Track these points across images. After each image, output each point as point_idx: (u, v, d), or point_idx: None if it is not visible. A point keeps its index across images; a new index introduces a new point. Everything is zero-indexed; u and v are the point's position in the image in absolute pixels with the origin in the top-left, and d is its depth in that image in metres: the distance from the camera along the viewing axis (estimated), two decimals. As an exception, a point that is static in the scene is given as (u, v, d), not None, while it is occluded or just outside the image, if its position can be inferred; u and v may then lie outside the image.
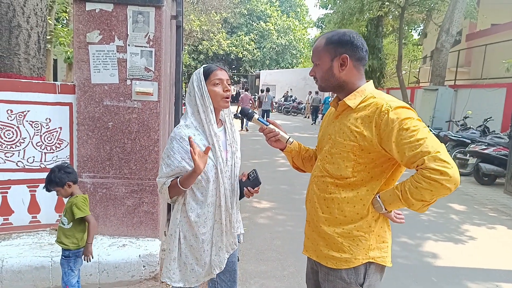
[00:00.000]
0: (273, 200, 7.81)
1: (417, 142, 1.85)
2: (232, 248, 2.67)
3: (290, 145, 2.58)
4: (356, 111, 2.10)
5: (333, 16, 28.28)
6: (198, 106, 2.49)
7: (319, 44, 2.21)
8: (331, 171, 2.17)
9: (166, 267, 2.58)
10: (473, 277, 4.92)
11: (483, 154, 10.23)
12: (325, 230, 2.19)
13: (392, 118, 1.92)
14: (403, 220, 2.21)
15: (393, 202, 2.01)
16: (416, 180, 1.87)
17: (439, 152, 1.82)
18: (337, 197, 2.15)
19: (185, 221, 2.54)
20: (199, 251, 2.55)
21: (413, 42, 32.50)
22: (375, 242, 2.14)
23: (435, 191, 1.83)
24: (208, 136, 2.48)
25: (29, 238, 4.29)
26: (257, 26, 51.09)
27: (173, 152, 2.43)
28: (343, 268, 2.14)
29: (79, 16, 4.14)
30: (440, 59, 17.45)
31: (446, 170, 1.78)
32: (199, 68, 2.60)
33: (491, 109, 14.62)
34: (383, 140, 1.97)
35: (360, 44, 2.13)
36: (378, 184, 2.10)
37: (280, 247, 5.60)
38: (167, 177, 2.47)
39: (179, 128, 2.49)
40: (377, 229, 2.14)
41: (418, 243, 5.98)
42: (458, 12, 16.87)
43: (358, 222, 2.12)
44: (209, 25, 33.78)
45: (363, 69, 2.21)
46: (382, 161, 2.07)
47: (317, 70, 2.23)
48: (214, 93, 2.49)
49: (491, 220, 7.44)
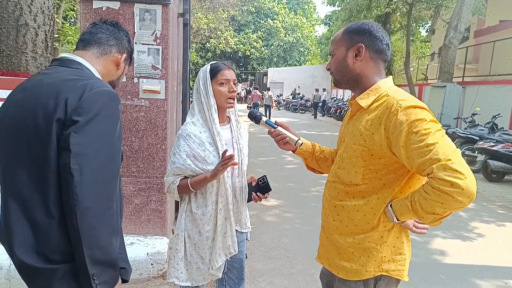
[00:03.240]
0: (281, 198, 7.79)
1: (426, 147, 1.66)
2: (230, 252, 2.61)
3: (300, 146, 2.46)
4: (368, 112, 1.93)
5: (341, 13, 28.34)
6: (203, 104, 2.50)
7: (338, 34, 2.07)
8: (341, 176, 2.03)
9: (174, 267, 2.58)
10: (481, 274, 4.90)
11: (492, 151, 10.17)
12: (337, 238, 2.06)
13: (401, 120, 1.74)
14: (425, 230, 2.03)
15: (404, 212, 1.83)
16: (425, 191, 1.68)
17: (451, 160, 1.60)
18: (347, 205, 2.01)
19: (189, 220, 2.56)
20: (203, 248, 2.55)
21: (421, 39, 32.41)
22: (390, 254, 1.97)
23: (446, 204, 1.63)
24: (212, 134, 2.49)
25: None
26: (265, 23, 50.99)
27: (179, 149, 2.44)
28: (352, 280, 2.02)
29: (86, 14, 4.14)
30: (448, 56, 17.34)
31: (457, 181, 1.57)
32: (206, 65, 2.60)
33: (499, 106, 14.53)
34: (392, 144, 1.79)
35: (380, 36, 1.97)
36: (390, 192, 1.91)
37: (288, 245, 5.60)
38: (174, 175, 2.48)
39: (186, 125, 2.50)
40: (391, 240, 1.97)
41: (427, 240, 5.94)
42: (466, 9, 16.76)
43: (369, 232, 1.96)
44: (216, 23, 33.77)
45: (383, 64, 2.03)
46: (395, 167, 1.88)
47: (332, 61, 2.08)
48: (220, 92, 2.49)
49: (500, 217, 7.41)
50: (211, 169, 2.44)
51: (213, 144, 2.48)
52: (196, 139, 2.45)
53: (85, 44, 1.91)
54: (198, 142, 2.45)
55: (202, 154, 2.44)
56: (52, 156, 1.57)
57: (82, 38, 1.93)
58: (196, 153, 2.43)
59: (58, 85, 1.64)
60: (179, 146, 2.45)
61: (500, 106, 14.45)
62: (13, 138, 1.66)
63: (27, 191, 1.62)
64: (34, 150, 1.60)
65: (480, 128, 12.32)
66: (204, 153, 2.44)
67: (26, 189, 1.62)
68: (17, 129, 1.65)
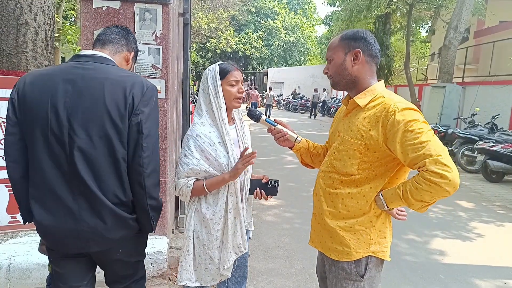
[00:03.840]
0: (281, 197, 7.82)
1: (420, 144, 1.91)
2: (240, 251, 2.66)
3: (299, 143, 2.65)
4: (365, 110, 2.16)
5: (341, 13, 28.26)
6: (212, 104, 2.51)
7: (334, 41, 2.30)
8: (337, 167, 2.24)
9: (186, 269, 2.58)
10: (481, 274, 4.90)
11: (491, 151, 10.17)
12: (329, 223, 2.27)
13: (398, 119, 1.98)
14: (405, 217, 2.27)
15: (395, 200, 2.07)
16: (416, 181, 1.94)
17: (441, 155, 1.87)
18: (341, 193, 2.22)
19: (198, 221, 2.56)
20: (212, 249, 2.56)
21: (421, 39, 32.37)
22: (376, 237, 2.21)
23: (434, 193, 1.89)
24: (221, 134, 2.51)
25: (37, 236, 4.27)
26: (265, 23, 50.97)
27: (191, 151, 2.45)
28: (344, 260, 2.22)
29: (87, 13, 4.14)
30: (448, 56, 17.34)
31: (446, 173, 1.84)
32: (212, 65, 2.61)
33: (499, 106, 14.54)
34: (389, 140, 2.02)
35: (372, 41, 2.22)
36: (381, 182, 2.16)
37: (287, 244, 5.60)
38: (187, 177, 2.47)
39: (195, 125, 2.52)
40: (378, 225, 2.22)
41: (426, 240, 5.96)
42: (466, 9, 16.76)
43: (360, 217, 2.19)
44: (217, 22, 33.74)
45: (375, 67, 2.27)
46: (387, 160, 2.13)
47: (331, 66, 2.29)
48: (229, 93, 2.53)
49: (500, 217, 7.41)
50: (222, 168, 2.47)
51: (222, 144, 2.50)
52: (206, 139, 2.46)
53: (102, 44, 2.35)
54: (209, 142, 2.46)
55: (213, 154, 2.46)
56: (124, 134, 2.10)
57: (99, 39, 2.37)
58: (208, 154, 2.45)
59: (121, 80, 2.14)
60: (190, 147, 2.46)
61: (499, 107, 14.46)
62: (89, 120, 2.08)
63: (103, 162, 2.11)
64: (106, 130, 2.08)
65: (480, 129, 12.34)
66: (215, 153, 2.46)
67: (103, 160, 2.10)
68: (90, 117, 2.07)
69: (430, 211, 7.14)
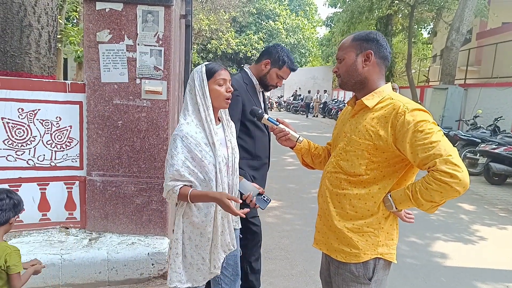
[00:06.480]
0: (281, 199, 7.81)
1: (430, 144, 1.90)
2: (229, 249, 2.67)
3: (300, 143, 2.65)
4: (373, 111, 2.16)
5: (342, 14, 28.27)
6: (199, 105, 2.49)
7: (346, 41, 2.29)
8: (345, 167, 2.23)
9: (176, 272, 2.56)
10: (482, 277, 4.89)
11: (494, 153, 10.15)
12: (336, 224, 2.25)
13: (408, 120, 1.98)
14: (413, 220, 2.25)
15: (404, 201, 2.06)
16: (427, 182, 1.93)
17: (451, 155, 1.87)
18: (349, 193, 2.21)
19: (189, 222, 2.54)
20: (205, 249, 2.56)
21: (422, 40, 32.32)
22: (384, 239, 2.20)
23: (444, 193, 1.89)
24: (208, 135, 2.48)
25: (39, 235, 4.33)
26: (266, 25, 50.92)
27: (177, 151, 2.41)
28: (352, 262, 2.21)
29: (89, 15, 4.16)
30: (450, 58, 17.33)
31: (456, 173, 1.84)
32: (199, 66, 2.60)
33: (501, 108, 14.53)
34: (398, 140, 2.02)
35: (384, 44, 2.22)
36: (390, 183, 2.16)
37: (288, 246, 5.60)
38: (173, 180, 2.43)
39: (181, 126, 2.47)
40: (386, 227, 2.20)
41: (428, 243, 5.95)
42: (469, 11, 16.75)
43: (368, 218, 2.18)
44: (218, 24, 33.79)
45: (385, 70, 2.28)
46: (395, 161, 2.12)
47: (341, 66, 2.29)
48: (218, 93, 2.50)
49: (502, 220, 7.40)
50: (208, 170, 2.45)
51: (208, 144, 2.48)
52: (192, 140, 2.43)
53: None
54: (195, 143, 2.43)
55: (199, 155, 2.43)
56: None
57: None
58: (193, 154, 2.42)
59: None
60: (177, 148, 2.42)
61: (502, 109, 14.44)
62: None
63: None
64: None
65: (482, 131, 12.32)
66: (201, 154, 2.43)
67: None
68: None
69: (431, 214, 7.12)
